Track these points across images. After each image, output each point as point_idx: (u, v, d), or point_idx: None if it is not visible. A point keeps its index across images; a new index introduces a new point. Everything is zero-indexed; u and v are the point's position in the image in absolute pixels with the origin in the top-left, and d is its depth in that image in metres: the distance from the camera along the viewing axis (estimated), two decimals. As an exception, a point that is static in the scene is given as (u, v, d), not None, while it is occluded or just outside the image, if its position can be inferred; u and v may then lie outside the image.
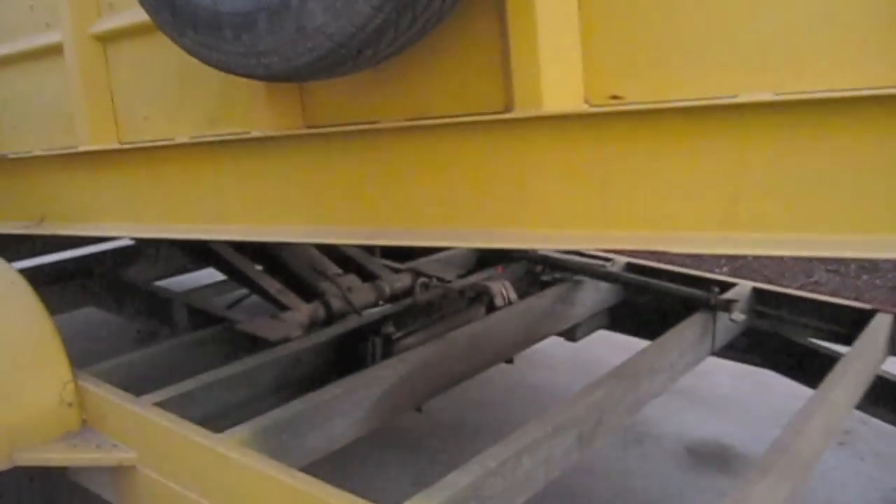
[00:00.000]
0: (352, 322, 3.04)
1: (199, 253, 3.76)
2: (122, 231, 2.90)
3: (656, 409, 3.66)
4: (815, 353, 3.24)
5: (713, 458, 3.68)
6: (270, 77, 1.77)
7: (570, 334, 3.66)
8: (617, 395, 2.59)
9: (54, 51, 2.67)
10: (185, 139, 2.42)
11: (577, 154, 1.73)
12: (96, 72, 2.58)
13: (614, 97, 1.67)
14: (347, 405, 2.48)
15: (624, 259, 3.85)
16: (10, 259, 2.82)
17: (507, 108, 1.78)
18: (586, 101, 1.70)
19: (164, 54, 2.26)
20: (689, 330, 3.07)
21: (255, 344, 2.95)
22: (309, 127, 2.17)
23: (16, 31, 2.85)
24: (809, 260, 6.15)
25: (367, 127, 2.04)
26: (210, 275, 4.20)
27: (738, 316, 3.24)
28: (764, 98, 1.50)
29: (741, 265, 6.03)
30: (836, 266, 6.01)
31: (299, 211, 2.27)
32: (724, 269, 5.94)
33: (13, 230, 3.14)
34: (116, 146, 2.64)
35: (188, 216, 2.56)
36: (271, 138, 2.22)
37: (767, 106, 1.50)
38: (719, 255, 6.23)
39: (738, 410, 4.13)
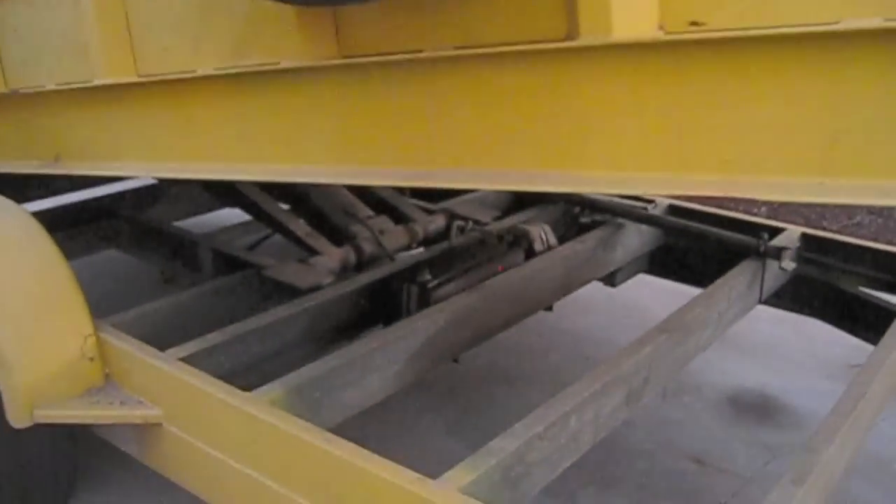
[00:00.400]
0: (385, 268, 2.89)
1: (225, 193, 3.61)
2: (141, 170, 2.74)
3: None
4: (866, 302, 3.10)
5: (756, 409, 3.55)
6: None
7: (610, 279, 3.51)
8: (665, 349, 2.48)
9: None
10: (208, 71, 2.23)
11: (649, 88, 1.54)
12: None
13: (694, 23, 1.46)
14: (383, 359, 2.35)
15: (666, 201, 3.68)
16: (24, 201, 2.68)
17: (570, 36, 1.58)
18: (661, 28, 1.50)
19: None
20: (737, 279, 2.93)
21: (284, 291, 2.82)
22: (345, 57, 1.98)
23: None
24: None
25: (409, 56, 1.84)
26: (236, 214, 4.05)
27: (789, 264, 3.09)
28: (871, 25, 1.30)
29: (781, 205, 5.83)
30: (879, 208, 5.81)
31: (333, 150, 2.09)
32: (763, 209, 5.74)
33: (28, 169, 2.98)
34: (134, 79, 2.44)
35: (212, 154, 2.38)
36: (303, 69, 2.02)
37: (874, 34, 1.31)
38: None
39: (779, 358, 3.99)
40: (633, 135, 1.58)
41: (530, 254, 3.09)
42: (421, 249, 3.20)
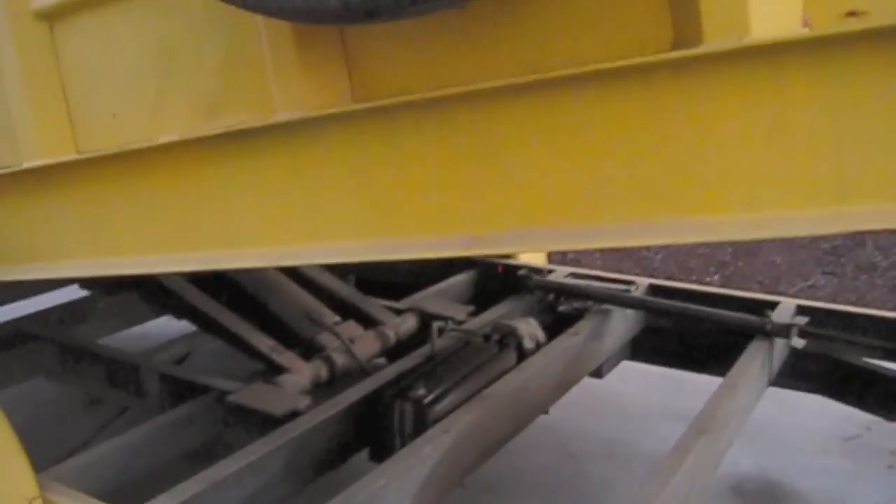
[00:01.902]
0: (367, 384, 2.55)
1: (165, 303, 3.23)
2: (89, 269, 2.23)
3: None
4: (873, 374, 2.88)
5: (762, 497, 3.28)
6: (346, 13, 1.26)
7: (597, 371, 3.22)
8: (704, 453, 2.20)
9: None
10: (173, 138, 1.84)
11: (793, 100, 1.21)
12: (41, 61, 2.01)
13: (851, 13, 1.16)
14: (394, 496, 2.01)
15: (646, 281, 3.43)
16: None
17: (678, 43, 1.27)
18: (805, 24, 1.20)
19: (138, 27, 1.74)
20: (751, 363, 2.69)
21: (249, 417, 2.45)
22: (360, 101, 1.61)
23: None
24: (802, 262, 5.84)
25: (451, 92, 1.47)
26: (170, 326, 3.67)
27: (798, 342, 2.86)
28: None
29: (733, 272, 5.69)
30: (832, 268, 5.70)
31: (354, 219, 1.68)
32: (716, 276, 5.59)
33: None
34: (74, 157, 2.06)
35: (184, 241, 1.96)
36: (305, 122, 1.64)
37: None
38: (710, 262, 5.90)
39: (770, 438, 3.72)
40: (770, 162, 1.24)
41: (520, 353, 2.78)
42: (403, 360, 2.84)
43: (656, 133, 1.31)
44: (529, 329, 2.85)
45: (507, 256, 3.75)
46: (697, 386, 2.81)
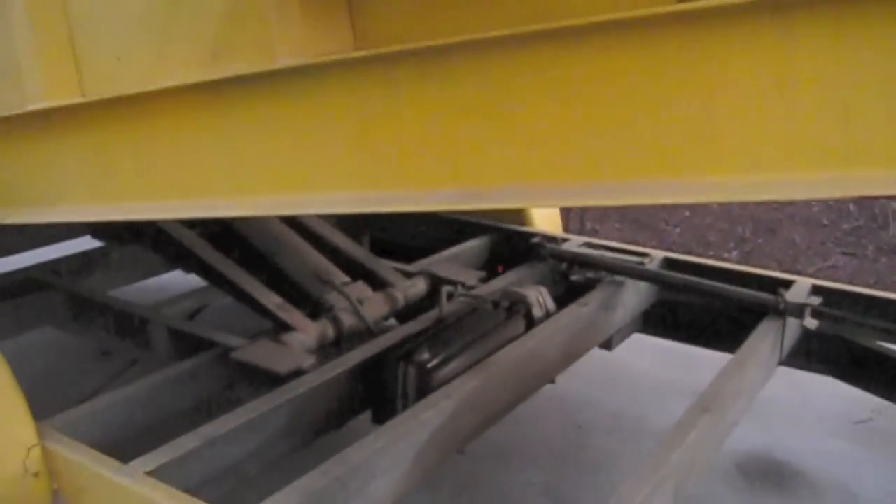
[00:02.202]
0: (373, 346, 2.53)
1: (176, 256, 3.21)
2: (91, 214, 2.24)
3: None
4: (887, 357, 2.82)
5: (768, 476, 3.26)
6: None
7: (607, 342, 3.19)
8: (708, 430, 2.18)
9: None
10: (176, 83, 1.81)
11: (801, 58, 1.17)
12: (48, 1, 1.99)
13: None
14: (390, 460, 2.00)
15: (661, 254, 3.39)
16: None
17: None
18: None
19: None
20: (762, 342, 2.66)
21: (254, 375, 2.44)
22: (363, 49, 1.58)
23: None
24: (822, 242, 5.78)
25: (456, 41, 1.43)
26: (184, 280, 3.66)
27: (811, 322, 2.81)
28: None
29: (752, 249, 5.63)
30: (852, 249, 5.64)
31: (351, 171, 1.66)
32: (734, 253, 5.53)
33: None
34: (79, 99, 2.04)
35: (185, 188, 1.95)
36: (306, 68, 1.61)
37: None
38: (729, 238, 5.85)
39: (780, 418, 3.70)
40: (781, 123, 1.21)
41: (529, 321, 2.75)
42: (411, 322, 2.82)
43: (661, 89, 1.28)
44: (539, 297, 2.82)
45: (522, 223, 3.72)
46: (709, 362, 2.77)
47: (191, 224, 3.24)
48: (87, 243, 3.78)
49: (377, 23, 1.57)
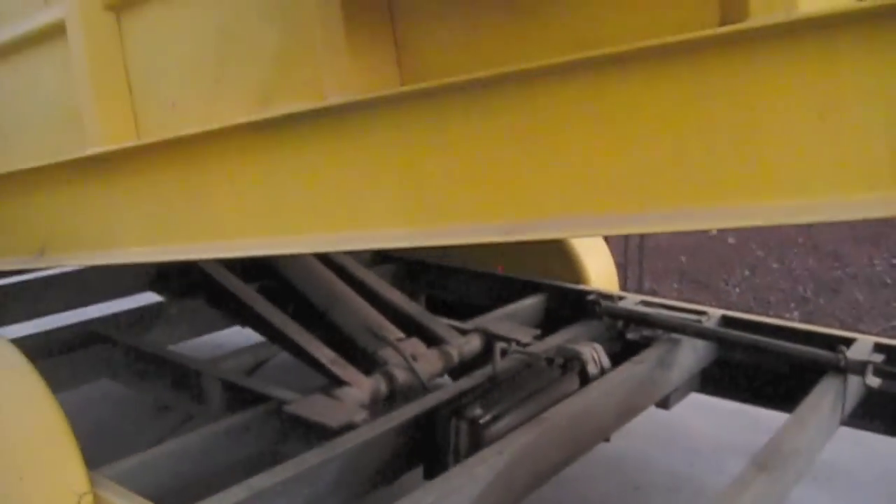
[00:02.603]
0: (425, 401, 2.51)
1: (234, 311, 3.24)
2: (146, 255, 2.29)
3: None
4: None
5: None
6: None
7: (664, 401, 3.14)
8: (764, 490, 2.11)
9: (54, 32, 2.16)
10: (226, 124, 1.85)
11: (844, 79, 1.16)
12: (108, 50, 2.06)
13: None
14: (441, 515, 1.97)
15: (719, 312, 3.34)
16: (1, 322, 2.29)
17: (726, 19, 1.24)
18: None
19: (198, 15, 1.76)
20: (822, 400, 2.59)
21: (306, 429, 2.44)
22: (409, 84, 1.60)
23: (5, 12, 2.32)
24: (886, 302, 5.66)
25: (498, 72, 1.45)
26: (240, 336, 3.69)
27: (874, 380, 2.74)
28: None
29: (813, 310, 5.54)
30: (923, 309, 5.53)
31: (399, 206, 1.68)
32: (795, 313, 5.44)
33: (6, 266, 2.61)
34: (136, 142, 2.09)
35: (236, 229, 1.99)
36: (353, 105, 1.64)
37: None
38: (790, 298, 5.77)
39: (846, 481, 3.60)
40: (826, 145, 1.20)
41: (584, 378, 2.73)
42: (463, 379, 2.80)
43: (704, 115, 1.29)
44: (594, 354, 2.79)
45: (578, 281, 3.70)
46: (771, 422, 2.72)
47: (248, 278, 3.27)
48: (146, 298, 3.83)
49: (423, 57, 1.59)
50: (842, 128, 1.17)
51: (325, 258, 3.47)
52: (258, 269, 3.45)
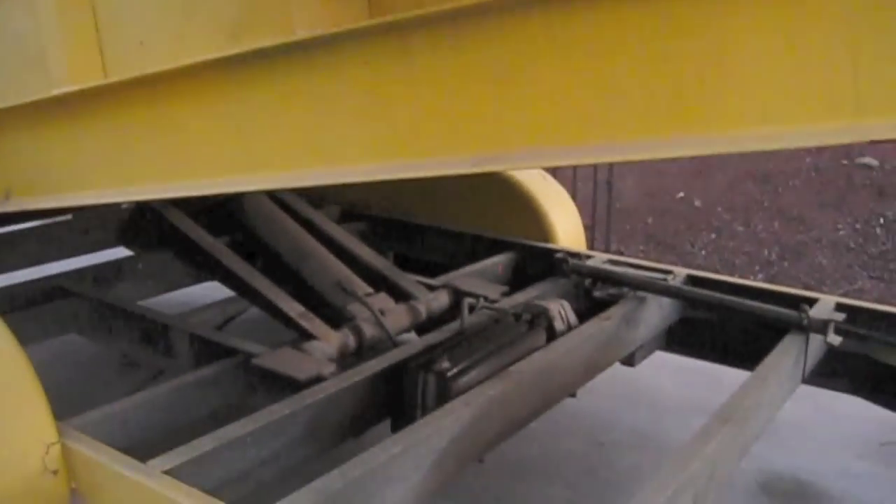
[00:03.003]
0: (393, 355, 2.53)
1: (202, 264, 3.24)
2: (112, 196, 2.29)
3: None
4: (913, 377, 2.79)
5: (791, 497, 3.22)
6: None
7: (629, 359, 3.17)
8: (728, 441, 2.16)
9: None
10: (196, 60, 1.84)
11: (810, 8, 1.18)
12: None
13: None
14: (407, 466, 2.00)
15: (684, 271, 3.37)
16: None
17: None
18: None
19: None
20: (784, 357, 2.63)
21: (274, 382, 2.45)
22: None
23: None
24: (849, 265, 5.73)
25: (465, 4, 1.46)
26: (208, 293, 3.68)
27: (835, 339, 2.78)
28: None
29: (778, 272, 5.60)
30: (880, 272, 5.59)
31: (363, 142, 1.70)
32: (760, 276, 5.50)
33: None
34: (102, 81, 2.07)
35: (205, 167, 1.99)
36: (321, 38, 1.64)
37: None
38: (755, 261, 5.82)
39: (804, 439, 3.66)
40: (791, 74, 1.22)
41: (551, 334, 2.75)
42: (432, 333, 2.82)
43: (670, 44, 1.30)
44: (561, 310, 2.82)
45: (546, 240, 3.72)
46: (735, 382, 2.76)
47: (217, 233, 3.27)
48: (113, 254, 3.82)
49: None
50: (807, 56, 1.19)
51: (294, 213, 3.47)
52: (227, 224, 3.44)
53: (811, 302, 2.95)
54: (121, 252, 3.90)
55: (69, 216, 4.02)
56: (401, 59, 1.58)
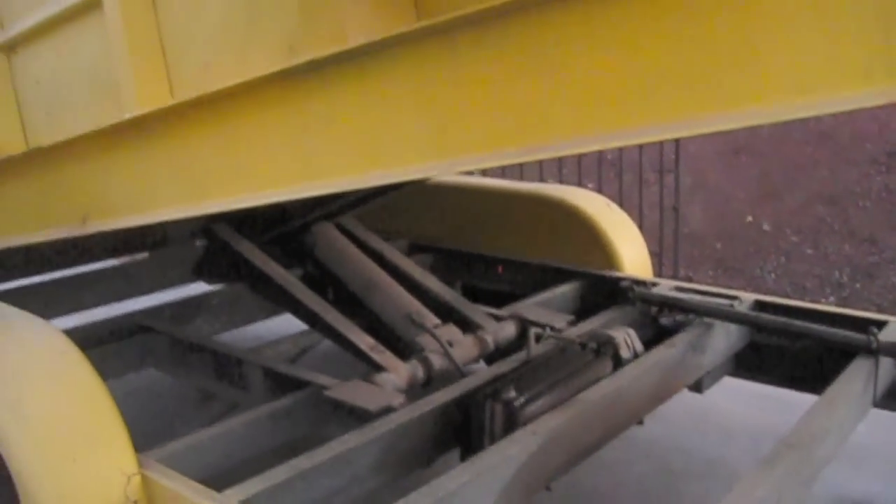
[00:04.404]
0: (461, 385, 2.58)
1: (275, 298, 3.32)
2: (181, 212, 2.38)
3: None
4: None
5: (867, 525, 3.19)
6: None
7: (697, 385, 3.18)
8: (795, 467, 2.16)
9: (91, 5, 2.26)
10: (251, 75, 1.93)
11: None
12: (142, 17, 2.15)
13: None
14: (476, 494, 2.04)
15: (752, 296, 3.37)
16: (52, 316, 2.38)
17: None
18: None
19: None
20: (853, 381, 2.63)
21: (346, 414, 2.51)
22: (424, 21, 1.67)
23: None
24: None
25: (506, 1, 1.52)
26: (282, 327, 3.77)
27: (906, 362, 2.77)
28: None
29: (850, 294, 5.53)
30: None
31: (416, 141, 1.77)
32: (831, 298, 5.44)
33: (51, 236, 2.71)
34: (170, 103, 2.17)
35: (266, 178, 2.07)
36: (373, 46, 1.71)
37: None
38: (825, 283, 5.77)
39: (882, 463, 3.61)
40: (823, 43, 1.26)
41: (617, 362, 2.77)
42: (499, 363, 2.85)
43: (701, 22, 1.35)
44: (627, 338, 2.83)
45: (612, 268, 3.74)
46: (805, 406, 2.75)
47: (287, 264, 3.35)
48: (189, 290, 3.92)
49: None
50: (838, 22, 1.23)
51: (363, 245, 3.55)
52: (298, 256, 3.53)
53: (880, 325, 2.93)
54: (196, 289, 4.00)
55: (146, 254, 4.16)
56: (447, 59, 1.65)
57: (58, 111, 2.51)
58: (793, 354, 3.18)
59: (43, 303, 3.43)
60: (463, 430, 2.49)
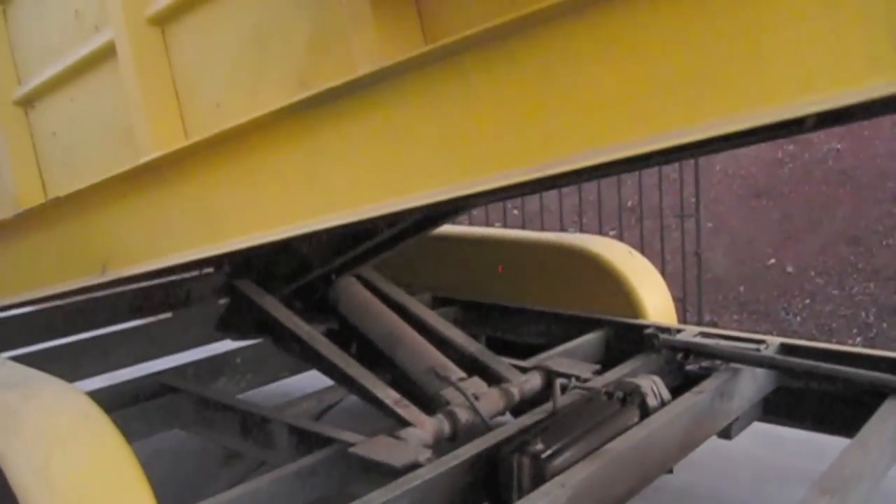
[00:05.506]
0: (488, 439, 2.55)
1: (298, 352, 3.32)
2: (200, 252, 2.38)
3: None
4: None
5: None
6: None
7: (726, 431, 3.15)
8: (828, 514, 2.11)
9: (106, 54, 2.29)
10: (262, 111, 1.94)
11: None
12: (155, 62, 2.17)
13: None
14: (506, 550, 2.01)
15: (777, 340, 3.34)
16: (76, 376, 2.38)
17: None
18: None
19: (235, 17, 1.87)
20: (885, 422, 2.59)
21: (373, 470, 2.49)
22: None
23: (60, 47, 2.46)
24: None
25: (510, 18, 1.52)
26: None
27: (939, 403, 2.73)
28: None
29: (877, 334, 5.48)
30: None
31: (429, 166, 1.76)
32: (858, 339, 5.39)
33: (70, 286, 2.72)
34: (184, 144, 2.19)
35: (283, 212, 2.07)
36: (382, 73, 1.72)
37: None
38: (852, 324, 5.72)
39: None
40: (828, 40, 1.25)
41: (644, 411, 2.75)
42: (524, 416, 2.83)
43: (707, 28, 1.35)
44: (653, 386, 2.81)
45: (636, 316, 3.72)
46: (838, 450, 2.71)
47: (310, 318, 3.35)
48: (212, 349, 3.93)
49: (445, 22, 1.67)
50: (843, 16, 1.23)
51: (386, 298, 3.55)
52: (321, 310, 3.53)
53: (903, 364, 2.91)
54: (220, 347, 4.00)
55: (170, 314, 4.17)
56: (456, 80, 1.66)
57: (74, 160, 2.54)
58: (822, 397, 3.14)
59: (67, 365, 3.43)
60: (491, 484, 2.46)
